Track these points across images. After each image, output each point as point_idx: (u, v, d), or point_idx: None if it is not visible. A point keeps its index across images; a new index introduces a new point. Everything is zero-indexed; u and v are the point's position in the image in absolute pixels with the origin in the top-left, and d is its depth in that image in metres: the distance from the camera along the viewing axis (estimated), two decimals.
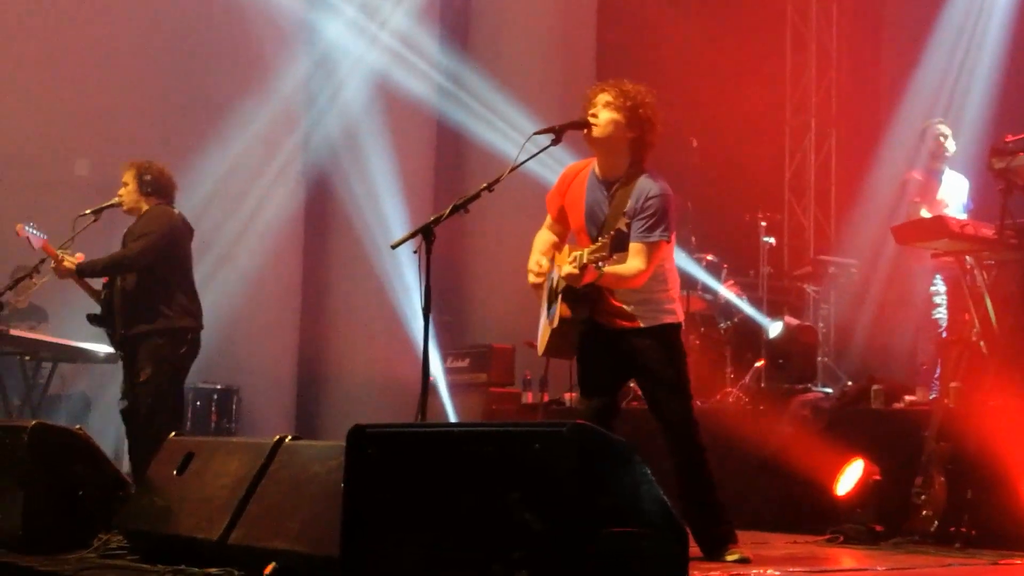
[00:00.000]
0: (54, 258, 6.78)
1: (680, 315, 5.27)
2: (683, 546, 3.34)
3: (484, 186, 4.86)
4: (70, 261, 6.73)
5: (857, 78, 12.40)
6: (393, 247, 5.02)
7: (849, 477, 6.36)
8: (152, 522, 4.79)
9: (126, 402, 6.75)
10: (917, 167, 8.57)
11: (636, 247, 4.94)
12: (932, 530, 5.90)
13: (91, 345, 8.55)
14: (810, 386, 8.15)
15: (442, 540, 3.33)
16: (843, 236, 11.56)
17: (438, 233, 4.71)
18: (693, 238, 9.40)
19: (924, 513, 5.95)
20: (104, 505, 5.12)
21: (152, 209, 6.84)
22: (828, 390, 8.21)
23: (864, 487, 6.28)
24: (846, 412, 7.15)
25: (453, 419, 9.77)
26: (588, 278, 4.82)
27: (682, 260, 8.49)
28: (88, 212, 6.98)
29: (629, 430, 5.90)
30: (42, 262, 6.98)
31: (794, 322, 9.05)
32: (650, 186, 5.03)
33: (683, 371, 5.21)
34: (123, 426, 6.89)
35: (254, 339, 10.71)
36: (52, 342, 8.73)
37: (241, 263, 10.59)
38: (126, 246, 6.80)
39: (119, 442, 9.01)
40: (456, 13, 12.01)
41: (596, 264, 4.67)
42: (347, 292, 11.32)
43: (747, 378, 8.69)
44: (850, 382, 8.41)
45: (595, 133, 5.09)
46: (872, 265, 9.85)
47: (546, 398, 9.01)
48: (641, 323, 5.12)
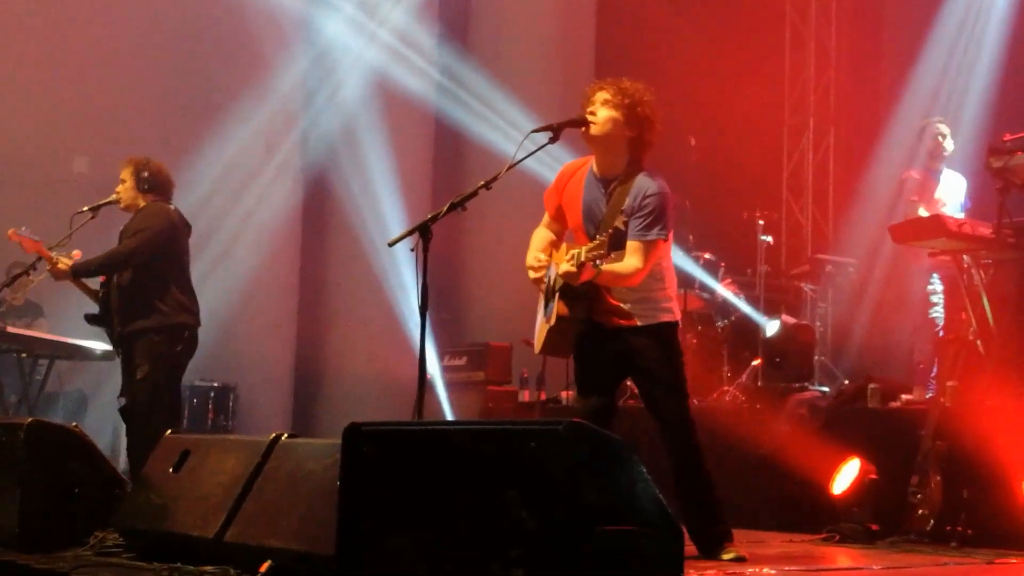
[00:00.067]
0: (49, 261, 6.74)
1: (677, 314, 5.27)
2: (679, 545, 3.35)
3: (482, 184, 4.85)
4: (64, 263, 6.70)
5: (855, 77, 12.40)
6: (390, 245, 5.01)
7: (845, 476, 6.36)
8: (148, 520, 4.78)
9: (124, 400, 6.73)
10: (915, 166, 8.57)
11: (634, 245, 4.93)
12: (928, 529, 5.91)
13: (88, 342, 8.53)
14: (807, 385, 8.17)
15: (438, 538, 3.33)
16: (841, 235, 11.56)
17: (435, 231, 4.70)
18: (691, 236, 9.40)
19: (920, 512, 5.95)
20: (100, 503, 5.09)
21: (148, 206, 6.81)
22: (825, 389, 8.23)
23: (860, 486, 6.28)
24: (843, 411, 7.15)
25: (450, 417, 9.77)
26: (586, 276, 4.81)
27: (680, 258, 8.50)
28: (86, 209, 6.94)
29: (626, 429, 5.97)
30: (39, 259, 6.97)
31: (791, 321, 9.05)
32: (648, 184, 5.02)
33: (680, 370, 5.20)
34: (120, 424, 6.87)
35: (251, 337, 10.71)
36: (49, 339, 8.70)
37: (239, 261, 10.58)
38: (122, 243, 6.79)
39: (115, 439, 9.03)
40: (455, 11, 12.01)
41: (594, 262, 4.67)
42: (345, 290, 11.32)
43: (744, 377, 8.70)
44: (847, 381, 8.43)
45: (593, 131, 5.08)
46: (870, 264, 9.85)
47: (543, 396, 9.04)
48: (638, 321, 5.12)
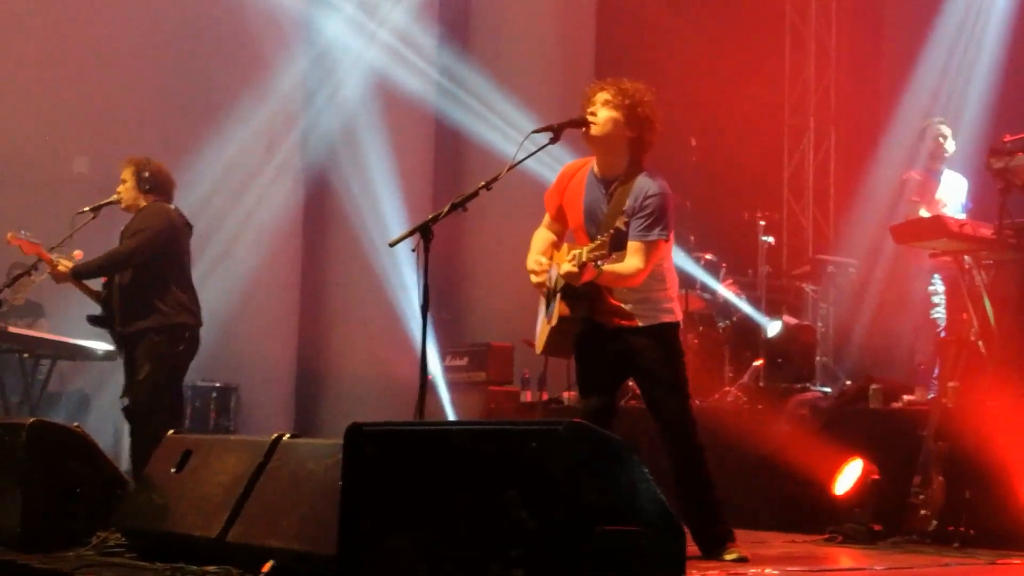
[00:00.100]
0: (49, 263, 6.74)
1: (678, 314, 5.27)
2: (680, 545, 3.35)
3: (482, 184, 4.85)
4: (65, 265, 6.70)
5: (856, 77, 12.40)
6: (391, 245, 5.01)
7: (847, 477, 6.35)
8: (150, 520, 4.78)
9: (127, 400, 6.73)
10: (916, 167, 8.57)
11: (635, 246, 4.92)
12: (930, 529, 5.91)
13: (90, 343, 8.53)
14: (808, 385, 8.16)
15: (439, 538, 3.33)
16: (842, 235, 11.55)
17: (436, 231, 4.70)
18: (692, 237, 9.40)
19: (922, 513, 5.95)
20: (102, 503, 5.10)
21: (149, 206, 6.81)
22: (826, 389, 8.21)
23: (862, 487, 6.27)
24: (844, 411, 7.14)
25: (452, 417, 9.77)
26: (587, 276, 4.81)
27: (681, 259, 8.50)
28: (87, 209, 6.94)
29: (626, 429, 5.97)
30: (40, 260, 6.96)
31: (792, 321, 9.05)
32: (649, 185, 5.02)
33: (681, 371, 5.20)
34: (122, 424, 6.87)
35: (253, 337, 10.70)
36: (51, 339, 8.70)
37: (239, 261, 10.58)
38: (122, 243, 6.78)
39: (117, 440, 9.03)
40: (455, 11, 12.00)
41: (595, 262, 4.67)
42: (346, 290, 11.32)
43: (745, 377, 8.69)
44: (848, 381, 8.41)
45: (594, 131, 5.08)
46: (871, 265, 9.84)
47: (545, 397, 9.02)
48: (639, 322, 5.11)
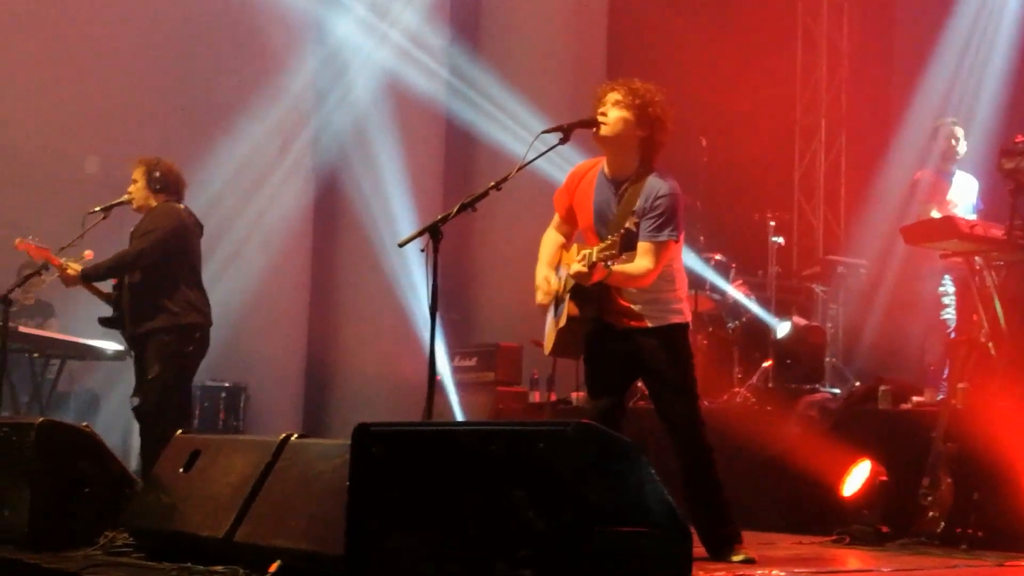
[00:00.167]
0: (58, 267, 6.74)
1: (688, 315, 5.26)
2: (687, 545, 3.34)
3: (492, 185, 4.85)
4: (74, 268, 6.70)
5: (867, 78, 12.37)
6: (400, 245, 4.99)
7: (856, 478, 6.35)
8: (158, 519, 4.79)
9: (137, 399, 6.74)
10: (927, 167, 8.55)
11: (645, 246, 4.91)
12: (938, 531, 5.90)
13: (99, 342, 8.55)
14: (817, 386, 8.15)
15: (447, 539, 3.33)
16: (852, 236, 11.53)
17: (446, 232, 4.70)
18: (702, 237, 9.39)
19: (931, 514, 5.94)
20: (110, 502, 5.11)
21: (159, 206, 6.81)
22: (835, 391, 8.21)
23: (871, 488, 6.26)
24: (853, 413, 7.14)
25: (460, 418, 9.77)
26: (597, 276, 4.80)
27: (691, 259, 8.48)
28: (98, 209, 6.94)
29: (636, 430, 5.96)
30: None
31: (802, 322, 9.04)
32: (659, 185, 5.01)
33: (690, 372, 5.19)
34: (131, 423, 6.88)
35: (262, 337, 10.72)
36: (61, 339, 8.72)
37: (250, 260, 10.59)
38: (132, 244, 6.79)
39: (126, 439, 9.04)
40: (466, 12, 12.00)
41: (605, 263, 4.66)
42: (355, 290, 11.33)
43: (755, 378, 8.69)
44: (858, 383, 8.41)
45: (604, 132, 5.07)
46: (881, 265, 9.83)
47: (553, 397, 9.02)
48: (648, 323, 5.10)
